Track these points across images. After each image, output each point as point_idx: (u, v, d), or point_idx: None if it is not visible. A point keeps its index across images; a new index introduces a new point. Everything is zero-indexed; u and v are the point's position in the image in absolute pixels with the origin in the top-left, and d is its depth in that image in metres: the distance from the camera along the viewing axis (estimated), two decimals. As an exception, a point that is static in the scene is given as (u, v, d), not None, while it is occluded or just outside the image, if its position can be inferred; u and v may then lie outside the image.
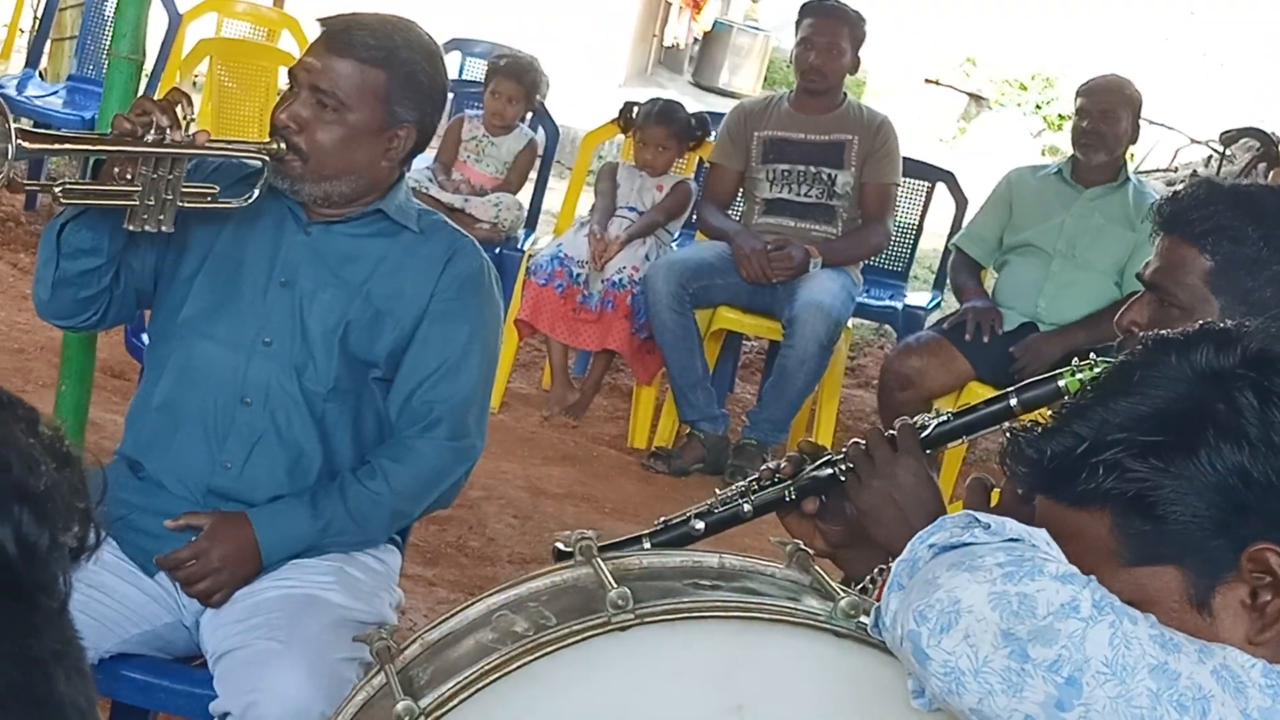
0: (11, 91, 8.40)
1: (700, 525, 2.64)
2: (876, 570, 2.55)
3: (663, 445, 7.14)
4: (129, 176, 3.41)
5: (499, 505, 6.28)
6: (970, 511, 2.04)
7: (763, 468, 2.72)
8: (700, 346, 6.98)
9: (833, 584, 2.24)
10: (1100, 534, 2.00)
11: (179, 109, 3.41)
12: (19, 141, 3.22)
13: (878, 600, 2.06)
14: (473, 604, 2.25)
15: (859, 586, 2.55)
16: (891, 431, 2.63)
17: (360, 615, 3.52)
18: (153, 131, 3.37)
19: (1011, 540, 1.98)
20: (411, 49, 3.59)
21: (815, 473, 2.65)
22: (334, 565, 3.59)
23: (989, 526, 1.99)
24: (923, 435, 2.64)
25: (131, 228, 3.43)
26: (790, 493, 2.65)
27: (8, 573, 1.28)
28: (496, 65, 7.65)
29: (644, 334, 7.06)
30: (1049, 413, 2.11)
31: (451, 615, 2.25)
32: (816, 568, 2.30)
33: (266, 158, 3.53)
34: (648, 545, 2.60)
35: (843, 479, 2.62)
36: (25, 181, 3.58)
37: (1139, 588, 1.98)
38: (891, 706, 2.05)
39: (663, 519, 2.68)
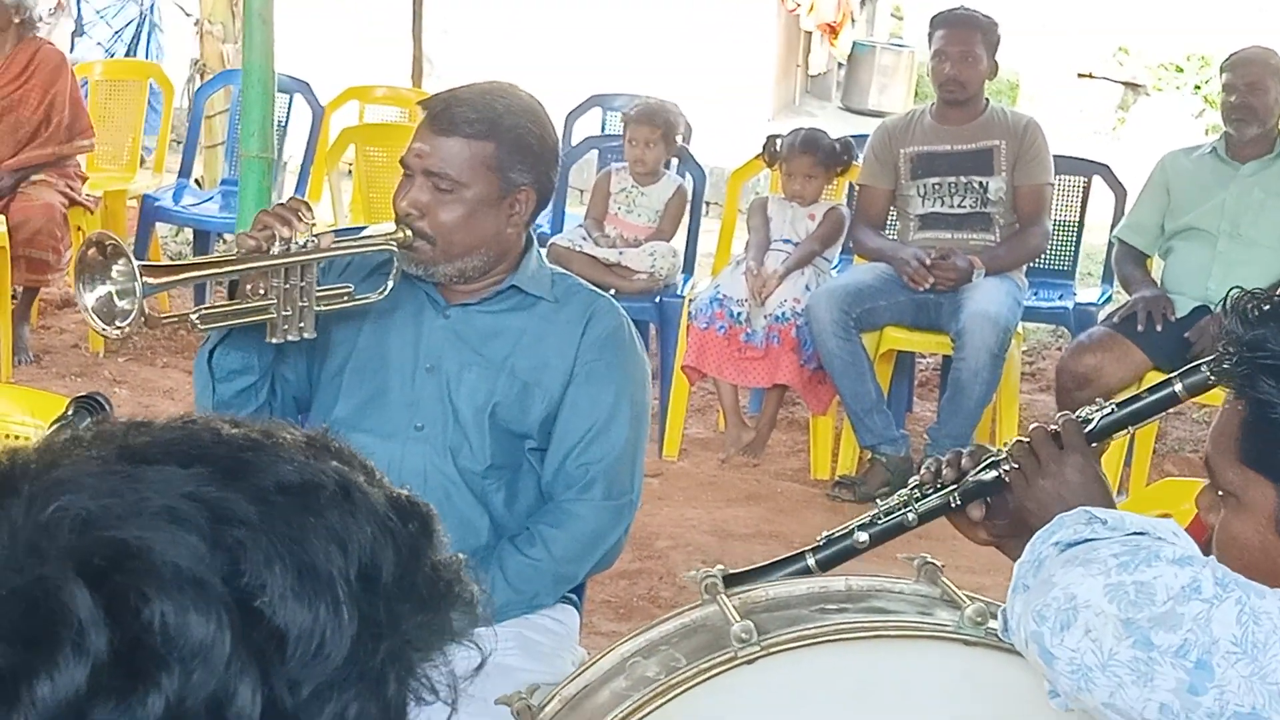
0: (168, 202, 8.55)
1: (864, 537, 2.60)
2: None
3: (846, 474, 7.08)
4: (263, 291, 3.46)
5: (687, 553, 6.25)
6: (1088, 508, 2.02)
7: (924, 470, 2.67)
8: (871, 370, 6.92)
9: (960, 593, 2.20)
10: (1233, 421, 2.13)
11: (299, 215, 3.47)
12: (145, 279, 3.30)
13: None
14: (606, 654, 2.25)
15: None
16: (1055, 428, 2.58)
17: (542, 677, 3.51)
18: (277, 243, 3.42)
19: (1134, 534, 1.96)
20: (514, 113, 3.60)
21: (979, 475, 2.59)
22: (512, 630, 3.60)
23: (1107, 522, 1.97)
24: (1087, 429, 2.57)
25: (274, 340, 3.49)
26: (955, 498, 2.60)
27: None
28: (629, 115, 7.67)
29: (813, 364, 7.02)
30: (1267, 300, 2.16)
31: (587, 667, 2.25)
32: (944, 579, 2.27)
33: (395, 247, 3.57)
34: (811, 561, 2.58)
35: (1007, 479, 2.55)
36: (162, 316, 3.65)
37: (1242, 488, 2.10)
38: (1028, 708, 2.03)
39: (825, 533, 2.66)
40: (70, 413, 2.74)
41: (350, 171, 8.93)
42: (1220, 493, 2.18)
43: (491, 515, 3.64)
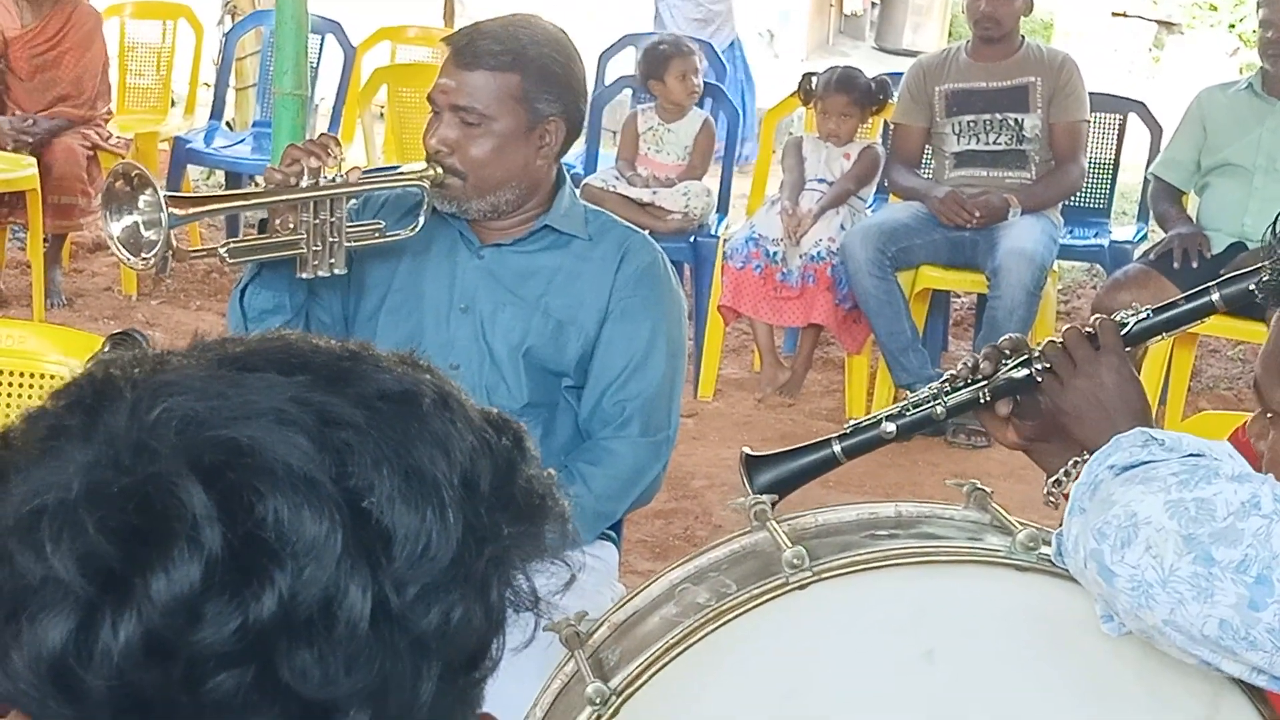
0: (199, 144, 8.57)
1: (892, 428, 2.59)
2: (1070, 463, 2.46)
3: (881, 413, 7.05)
4: (292, 225, 3.46)
5: (722, 492, 6.25)
6: (1146, 430, 2.02)
7: (960, 364, 2.62)
8: (906, 309, 6.91)
9: (1011, 519, 2.19)
10: (1276, 333, 2.18)
11: (327, 150, 3.46)
12: (170, 210, 3.29)
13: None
14: (655, 580, 2.24)
15: (1053, 480, 2.50)
16: (1090, 330, 2.52)
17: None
18: (305, 177, 3.42)
19: (1191, 455, 1.95)
20: (539, 44, 3.58)
21: (1011, 373, 2.54)
22: (552, 567, 3.59)
23: (1164, 443, 1.96)
24: (1123, 332, 2.50)
25: (304, 275, 3.48)
26: (985, 394, 2.56)
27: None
28: (657, 51, 7.66)
29: (848, 304, 7.01)
30: None
31: (636, 594, 2.25)
32: (995, 505, 2.26)
33: (426, 184, 3.56)
34: (837, 448, 2.57)
35: (1039, 380, 2.50)
36: (190, 249, 3.65)
37: None
38: (1080, 635, 2.02)
39: (851, 422, 2.64)
40: (107, 349, 2.73)
41: (382, 113, 8.91)
42: (1269, 415, 2.17)
43: (525, 453, 3.62)
